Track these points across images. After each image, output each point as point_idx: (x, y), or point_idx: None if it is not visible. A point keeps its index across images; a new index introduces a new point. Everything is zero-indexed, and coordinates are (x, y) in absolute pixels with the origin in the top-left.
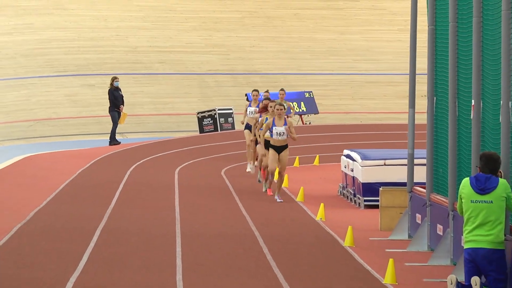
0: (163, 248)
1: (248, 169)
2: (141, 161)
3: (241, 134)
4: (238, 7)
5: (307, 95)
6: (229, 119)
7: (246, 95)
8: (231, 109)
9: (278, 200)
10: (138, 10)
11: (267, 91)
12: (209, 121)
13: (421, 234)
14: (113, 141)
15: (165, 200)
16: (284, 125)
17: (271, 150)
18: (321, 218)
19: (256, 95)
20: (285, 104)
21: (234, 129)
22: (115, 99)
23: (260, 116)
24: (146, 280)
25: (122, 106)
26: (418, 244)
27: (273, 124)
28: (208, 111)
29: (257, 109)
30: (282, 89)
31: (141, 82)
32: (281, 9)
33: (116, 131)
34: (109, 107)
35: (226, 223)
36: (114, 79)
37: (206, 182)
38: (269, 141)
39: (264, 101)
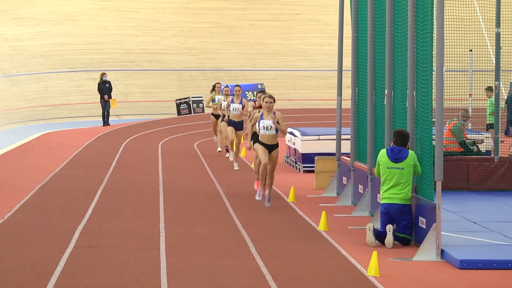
0: (150, 202)
1: (234, 165)
2: (133, 137)
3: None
4: (207, 19)
5: (259, 86)
6: (200, 104)
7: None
8: (201, 97)
9: (267, 205)
10: (131, 21)
11: (227, 86)
12: (185, 106)
13: (346, 192)
14: (105, 122)
15: (151, 165)
16: (272, 118)
17: (260, 145)
18: None
19: (239, 91)
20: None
21: (203, 112)
22: (101, 91)
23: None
24: (136, 227)
25: (106, 96)
26: (344, 200)
27: (261, 118)
28: (184, 98)
29: (241, 105)
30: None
31: (133, 77)
32: (240, 21)
33: (111, 114)
34: (101, 97)
35: (197, 183)
36: (103, 74)
37: (182, 152)
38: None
39: (258, 94)
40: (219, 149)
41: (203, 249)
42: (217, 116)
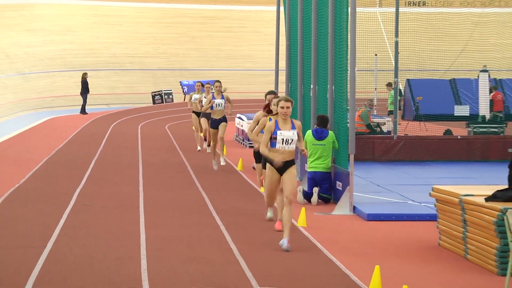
0: (131, 171)
1: (219, 164)
2: (118, 121)
3: (178, 104)
4: (175, 30)
5: (215, 81)
6: (170, 96)
7: (180, 82)
8: (171, 90)
9: (285, 246)
10: (117, 32)
11: (199, 81)
12: (158, 97)
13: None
14: (83, 112)
15: (133, 143)
16: (292, 128)
17: (270, 171)
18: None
19: (219, 86)
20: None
21: (173, 102)
22: (84, 87)
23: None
24: (121, 190)
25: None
26: None
27: (277, 127)
28: (158, 91)
29: (223, 101)
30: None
31: (118, 74)
32: (201, 32)
33: (100, 103)
34: (81, 91)
35: (169, 157)
36: (85, 74)
37: (156, 133)
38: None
39: (268, 97)
40: (202, 147)
41: (173, 208)
42: (198, 114)
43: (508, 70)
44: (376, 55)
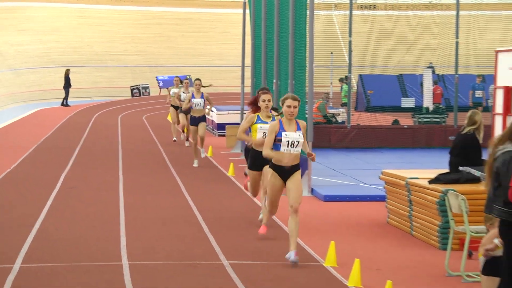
0: (112, 157)
1: (195, 165)
2: (100, 112)
3: (155, 97)
4: (152, 31)
5: (188, 77)
6: (147, 89)
7: (156, 77)
8: (148, 84)
9: (292, 259)
10: (99, 32)
11: (186, 78)
12: (136, 91)
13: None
14: (65, 104)
15: (113, 132)
16: (297, 130)
17: (273, 177)
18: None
19: (199, 84)
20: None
21: (149, 95)
22: (66, 81)
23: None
24: (103, 174)
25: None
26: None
27: (281, 128)
28: (136, 85)
29: (202, 100)
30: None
31: (100, 70)
32: (175, 32)
33: (84, 96)
34: (64, 85)
35: (144, 144)
36: (68, 70)
37: (135, 123)
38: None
39: (259, 92)
40: (174, 138)
41: (149, 190)
42: (176, 107)
43: (449, 66)
44: (332, 53)
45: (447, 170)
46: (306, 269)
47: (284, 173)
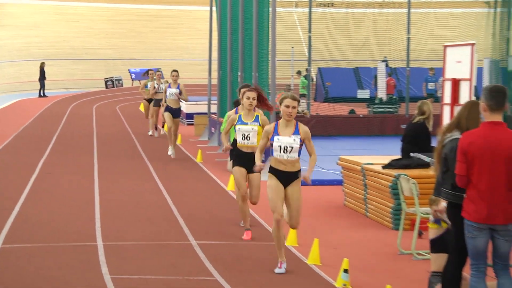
0: (87, 144)
1: (170, 153)
2: (76, 103)
3: (127, 88)
4: (124, 26)
5: (159, 69)
6: (120, 81)
7: (128, 70)
8: (121, 77)
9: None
10: (76, 28)
11: (150, 70)
12: (110, 83)
13: (214, 137)
14: (42, 95)
15: (88, 121)
16: (294, 134)
17: (271, 180)
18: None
19: (176, 76)
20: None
21: (122, 86)
22: (41, 74)
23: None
24: (78, 159)
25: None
26: (212, 142)
27: (275, 132)
28: (109, 77)
29: (178, 90)
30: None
31: (76, 64)
32: (146, 28)
33: (61, 88)
34: (39, 77)
35: (118, 132)
36: (42, 63)
37: (108, 112)
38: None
39: (242, 89)
40: (150, 132)
41: (122, 175)
42: (149, 101)
43: (402, 60)
44: (292, 47)
45: (399, 156)
46: (267, 249)
47: (283, 177)
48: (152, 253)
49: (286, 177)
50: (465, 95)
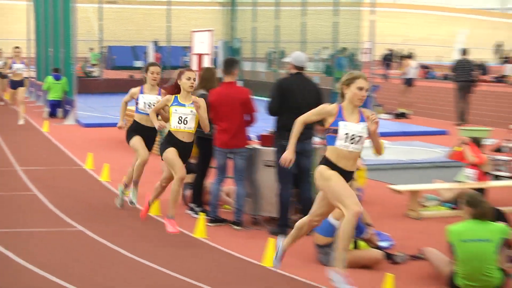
0: None
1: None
2: None
3: None
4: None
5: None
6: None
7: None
8: None
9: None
10: None
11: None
12: None
13: (32, 95)
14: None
15: None
16: (360, 121)
17: (335, 175)
18: None
19: (18, 52)
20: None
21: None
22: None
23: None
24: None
25: None
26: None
27: (340, 116)
28: None
29: (23, 65)
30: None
31: None
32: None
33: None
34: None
35: None
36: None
37: None
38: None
39: (182, 70)
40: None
41: None
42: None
43: (166, 41)
44: (89, 32)
45: None
46: (73, 173)
47: (343, 176)
48: None
49: (345, 177)
50: (206, 65)
